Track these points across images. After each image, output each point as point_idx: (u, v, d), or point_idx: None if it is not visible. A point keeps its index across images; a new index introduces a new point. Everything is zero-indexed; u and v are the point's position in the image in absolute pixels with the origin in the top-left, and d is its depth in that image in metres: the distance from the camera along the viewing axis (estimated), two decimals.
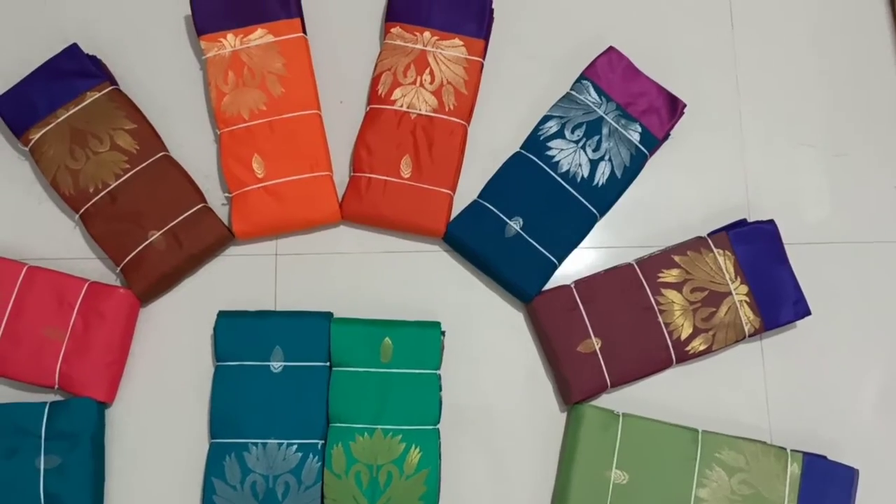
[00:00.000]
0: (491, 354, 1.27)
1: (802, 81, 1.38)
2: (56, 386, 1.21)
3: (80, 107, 1.28)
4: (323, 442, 1.20)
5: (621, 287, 1.25)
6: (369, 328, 1.23)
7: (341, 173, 1.32)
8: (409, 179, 1.28)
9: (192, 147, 1.33)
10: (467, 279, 1.30)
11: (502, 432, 1.25)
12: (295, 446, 1.19)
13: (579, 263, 1.30)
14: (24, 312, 1.22)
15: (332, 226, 1.31)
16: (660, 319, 1.23)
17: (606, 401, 1.25)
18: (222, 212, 1.30)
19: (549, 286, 1.27)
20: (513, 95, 1.36)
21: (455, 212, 1.30)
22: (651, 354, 1.23)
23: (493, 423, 1.25)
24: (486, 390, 1.26)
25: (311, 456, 1.19)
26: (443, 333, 1.24)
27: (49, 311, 1.22)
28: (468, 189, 1.31)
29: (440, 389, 1.22)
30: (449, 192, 1.28)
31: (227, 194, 1.28)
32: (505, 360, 1.27)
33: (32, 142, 1.27)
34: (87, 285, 1.24)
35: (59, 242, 1.30)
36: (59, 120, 1.27)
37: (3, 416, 1.19)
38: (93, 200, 1.25)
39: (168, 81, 1.36)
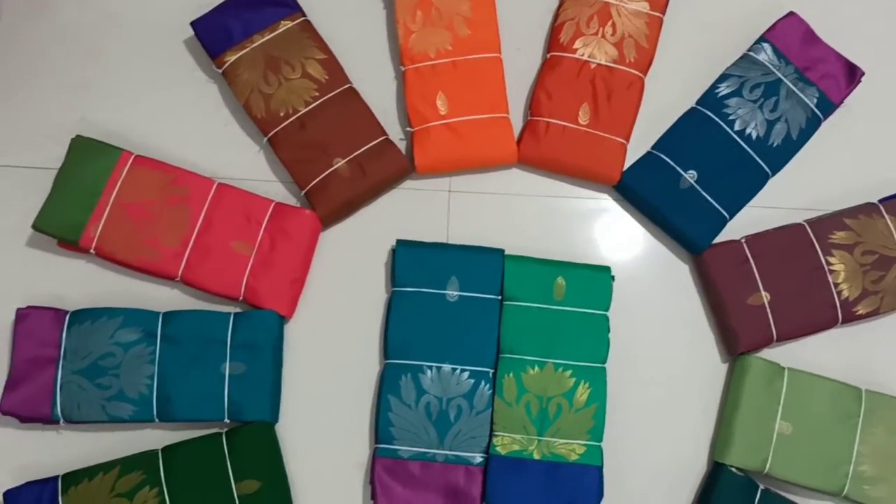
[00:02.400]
0: (654, 303, 1.31)
1: None
2: (241, 298, 1.26)
3: (274, 34, 1.32)
4: (493, 371, 1.24)
5: (791, 245, 1.27)
6: (543, 266, 1.27)
7: (512, 118, 1.35)
8: (586, 127, 1.31)
9: (371, 84, 1.36)
10: (635, 229, 1.34)
11: (663, 378, 1.28)
12: (467, 373, 1.23)
13: (745, 221, 1.32)
14: (213, 226, 1.27)
15: (506, 167, 1.35)
16: (829, 279, 1.25)
17: (766, 356, 1.27)
18: (400, 147, 1.33)
19: (716, 241, 1.29)
20: (682, 52, 1.39)
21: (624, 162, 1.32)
22: (819, 312, 1.25)
23: (653, 368, 1.28)
24: (649, 337, 1.29)
25: (482, 383, 1.23)
26: (612, 278, 1.27)
27: (237, 227, 1.27)
28: (635, 140, 1.33)
29: (608, 331, 1.25)
30: (624, 141, 1.31)
31: (407, 129, 1.32)
32: (668, 309, 1.30)
33: (227, 65, 1.31)
34: (273, 205, 1.29)
35: (243, 165, 1.34)
36: (255, 45, 1.32)
37: (191, 323, 1.24)
38: (282, 125, 1.30)
39: (348, 18, 1.39)
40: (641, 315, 1.30)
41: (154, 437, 1.24)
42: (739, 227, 1.31)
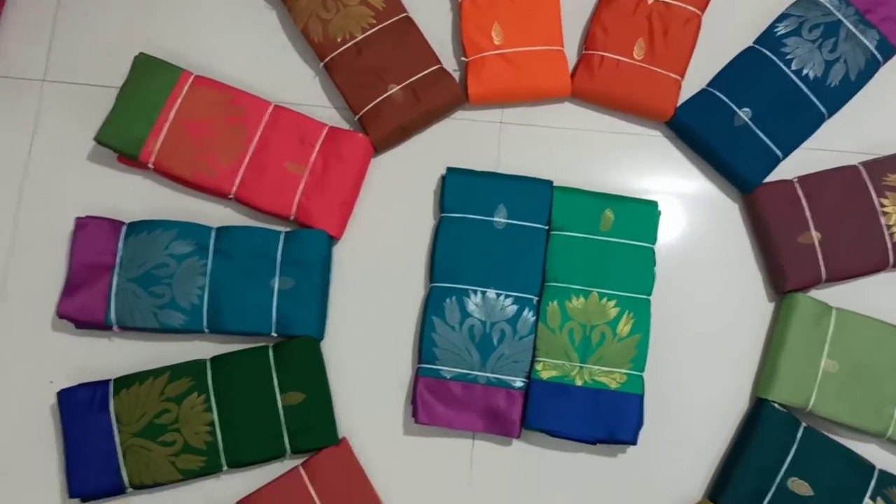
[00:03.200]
0: (702, 241, 1.30)
1: None
2: (292, 217, 1.28)
3: None
4: (538, 299, 1.24)
5: (845, 186, 1.26)
6: (591, 198, 1.27)
7: (567, 52, 1.35)
8: (641, 62, 1.31)
9: (427, 14, 1.37)
10: (686, 167, 1.33)
11: (708, 315, 1.28)
12: (512, 298, 1.24)
13: (798, 163, 1.31)
14: (268, 146, 1.29)
15: (559, 100, 1.35)
16: (882, 221, 1.24)
17: (815, 296, 1.26)
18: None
19: (767, 181, 1.29)
20: None
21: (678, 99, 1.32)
22: (869, 254, 1.24)
23: (698, 305, 1.28)
24: (695, 274, 1.29)
25: (526, 309, 1.23)
26: (659, 213, 1.27)
27: (291, 148, 1.29)
28: (690, 80, 1.33)
29: (654, 264, 1.25)
30: (679, 77, 1.31)
31: (462, 58, 1.33)
32: (716, 247, 1.30)
33: None
34: (327, 128, 1.31)
35: (299, 90, 1.36)
36: None
37: (243, 238, 1.26)
38: (339, 50, 1.32)
39: None
40: (688, 252, 1.30)
41: (203, 349, 1.27)
42: (793, 169, 1.30)
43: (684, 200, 1.32)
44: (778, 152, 1.27)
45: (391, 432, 1.25)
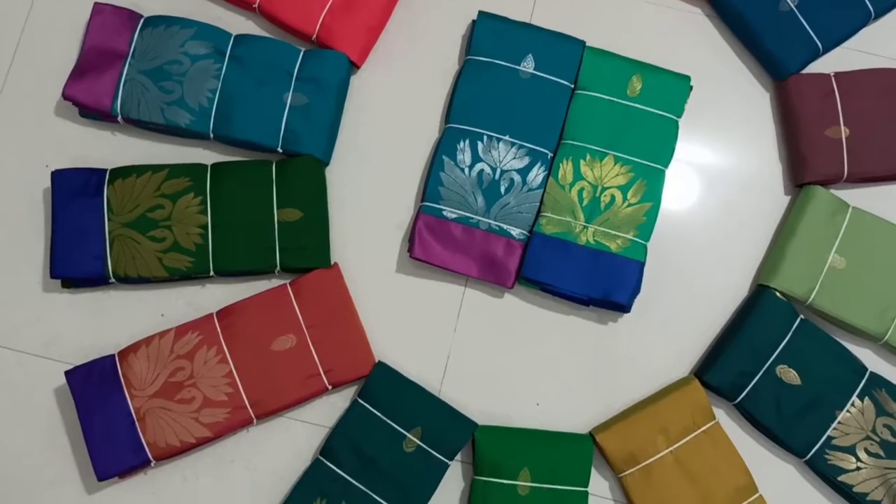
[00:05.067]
0: (727, 125, 1.27)
1: None
2: (314, 36, 1.24)
3: None
4: (552, 155, 1.21)
5: (883, 88, 1.23)
6: (622, 62, 1.24)
7: None
8: None
9: None
10: (722, 48, 1.29)
11: (721, 198, 1.25)
12: (526, 150, 1.21)
13: (837, 63, 1.27)
14: None
15: None
16: None
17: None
18: None
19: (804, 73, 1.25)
20: None
21: None
22: (895, 158, 1.21)
23: (714, 187, 1.25)
24: (715, 156, 1.26)
25: (539, 163, 1.21)
26: (690, 88, 1.24)
27: None
28: None
29: (676, 137, 1.22)
30: None
31: None
32: (740, 133, 1.27)
33: None
34: None
35: None
36: None
37: (262, 48, 1.23)
38: None
39: None
40: (711, 134, 1.27)
41: (205, 158, 1.24)
42: (831, 69, 1.26)
43: (716, 82, 1.28)
44: (819, 44, 1.24)
45: (383, 267, 1.23)
